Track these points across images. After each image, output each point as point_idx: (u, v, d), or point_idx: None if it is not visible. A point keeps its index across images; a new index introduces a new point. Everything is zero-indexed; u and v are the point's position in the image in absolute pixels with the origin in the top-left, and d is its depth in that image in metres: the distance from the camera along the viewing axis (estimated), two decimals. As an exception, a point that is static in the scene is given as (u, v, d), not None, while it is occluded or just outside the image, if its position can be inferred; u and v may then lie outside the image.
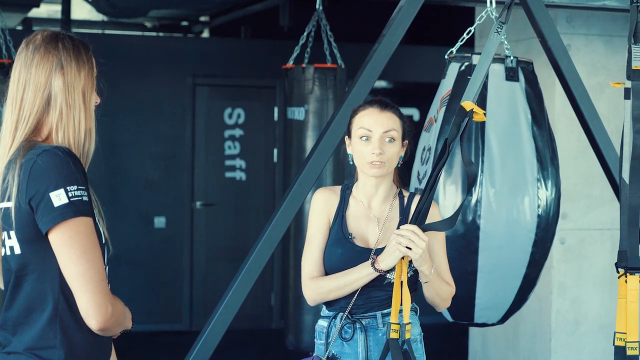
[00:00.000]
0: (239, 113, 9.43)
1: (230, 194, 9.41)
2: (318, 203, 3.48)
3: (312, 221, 3.47)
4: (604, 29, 6.22)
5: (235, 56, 9.40)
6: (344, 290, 3.36)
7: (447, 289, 3.41)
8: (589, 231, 6.25)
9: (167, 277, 9.26)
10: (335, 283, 3.36)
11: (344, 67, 7.17)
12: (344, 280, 3.35)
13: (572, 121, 4.96)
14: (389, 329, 3.29)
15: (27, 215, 2.50)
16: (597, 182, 5.99)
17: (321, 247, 3.43)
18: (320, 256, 3.42)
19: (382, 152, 3.36)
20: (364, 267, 3.33)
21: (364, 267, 3.33)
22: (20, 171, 2.50)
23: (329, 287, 3.37)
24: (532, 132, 4.23)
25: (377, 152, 3.35)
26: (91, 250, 2.49)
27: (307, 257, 3.44)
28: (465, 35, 4.44)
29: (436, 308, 3.49)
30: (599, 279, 6.25)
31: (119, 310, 2.56)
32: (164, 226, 9.26)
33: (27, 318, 2.56)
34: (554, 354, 6.20)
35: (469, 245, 4.16)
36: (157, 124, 9.22)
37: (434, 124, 4.32)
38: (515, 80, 4.25)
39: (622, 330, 3.25)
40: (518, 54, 4.47)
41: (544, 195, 4.21)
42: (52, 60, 2.62)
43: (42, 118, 2.61)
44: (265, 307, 9.45)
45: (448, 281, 3.44)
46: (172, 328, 9.20)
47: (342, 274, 3.36)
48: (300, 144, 7.38)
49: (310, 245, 3.45)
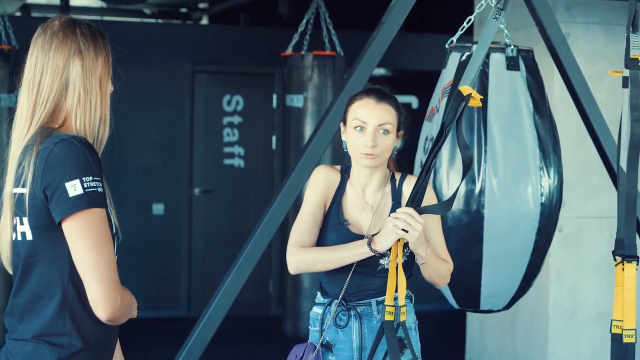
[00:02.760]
0: (238, 100, 9.42)
1: (228, 181, 9.41)
2: (320, 179, 3.45)
3: (311, 194, 3.43)
4: (603, 17, 6.21)
5: (234, 43, 9.39)
6: (332, 264, 3.34)
7: (444, 267, 3.41)
8: (586, 219, 6.26)
9: (166, 264, 9.27)
10: (325, 255, 3.34)
11: (343, 55, 7.18)
12: (334, 255, 3.33)
13: (570, 110, 4.96)
14: (383, 310, 3.27)
15: (41, 203, 2.50)
16: (595, 170, 5.99)
17: (312, 221, 3.40)
18: (311, 227, 3.40)
19: (375, 145, 3.34)
20: (359, 245, 3.31)
21: (358, 246, 3.31)
22: (37, 159, 2.50)
23: (317, 257, 3.35)
24: (534, 120, 4.24)
25: (369, 144, 3.34)
26: (103, 241, 2.50)
27: (298, 226, 3.41)
28: (465, 25, 4.44)
29: (435, 285, 3.47)
30: (597, 267, 6.26)
31: (127, 301, 2.56)
32: (162, 213, 9.26)
33: (36, 305, 2.56)
34: (551, 342, 6.22)
35: (474, 234, 4.17)
36: (156, 111, 9.21)
37: (435, 114, 4.32)
38: (516, 69, 4.25)
39: (619, 317, 3.26)
40: (516, 42, 4.47)
41: (547, 183, 4.22)
42: (70, 45, 2.62)
43: (60, 103, 2.61)
44: (264, 294, 9.46)
45: (445, 258, 3.43)
46: (171, 315, 9.21)
47: (334, 247, 3.34)
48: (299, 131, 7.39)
49: (302, 218, 3.41)
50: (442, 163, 4.20)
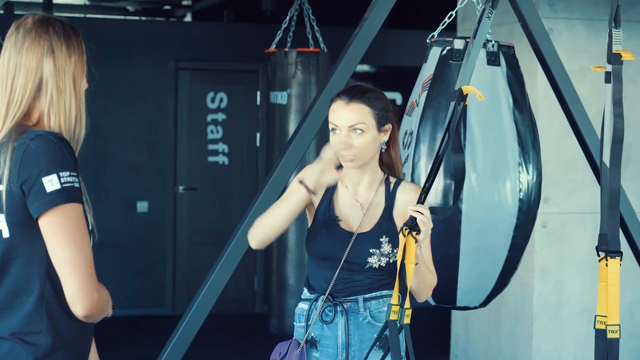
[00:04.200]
0: (222, 97, 9.42)
1: (213, 178, 9.41)
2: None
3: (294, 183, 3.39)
4: (586, 13, 6.23)
5: (217, 40, 9.38)
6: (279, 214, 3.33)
7: (431, 277, 3.41)
8: (570, 215, 6.27)
9: (150, 262, 9.26)
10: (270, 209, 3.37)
11: (327, 51, 7.19)
12: (277, 203, 3.37)
13: (554, 105, 4.97)
14: (389, 310, 3.26)
15: (18, 199, 2.49)
16: (579, 165, 6.00)
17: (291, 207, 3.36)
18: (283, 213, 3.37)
19: (349, 146, 3.33)
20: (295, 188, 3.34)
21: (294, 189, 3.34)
22: (13, 155, 2.49)
23: (265, 214, 3.36)
24: (514, 116, 4.24)
25: (342, 146, 3.33)
26: (80, 237, 2.49)
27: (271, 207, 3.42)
28: (447, 20, 4.45)
29: (417, 297, 3.44)
30: (581, 262, 6.28)
31: (104, 298, 2.55)
32: (146, 210, 9.25)
33: (13, 302, 2.55)
34: (535, 338, 6.23)
35: (451, 228, 4.17)
36: (140, 108, 9.19)
37: (415, 108, 4.32)
38: (496, 65, 4.25)
39: (603, 313, 3.27)
40: (500, 38, 4.48)
41: (525, 179, 4.22)
42: (43, 44, 2.60)
43: (33, 102, 2.60)
44: (249, 292, 9.46)
45: (432, 270, 3.44)
46: (155, 312, 9.20)
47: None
48: (283, 128, 7.39)
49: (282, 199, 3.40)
50: (421, 157, 4.20)
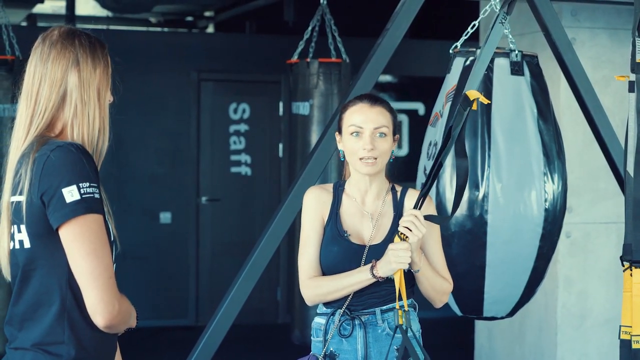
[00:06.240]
0: (244, 108, 9.43)
1: (235, 189, 9.42)
2: (311, 202, 3.45)
3: (306, 221, 3.43)
4: (609, 22, 6.21)
5: (240, 51, 9.40)
6: (341, 292, 3.34)
7: (440, 282, 3.38)
8: (594, 225, 6.24)
9: (173, 273, 9.27)
10: (334, 285, 3.34)
11: (349, 62, 7.17)
12: (342, 283, 3.33)
13: (577, 115, 4.95)
14: (396, 315, 3.29)
15: (39, 210, 2.50)
16: (602, 175, 5.98)
17: (316, 246, 3.40)
18: (316, 255, 3.40)
19: (374, 148, 3.33)
20: (362, 272, 3.31)
21: (362, 272, 3.31)
22: (34, 166, 2.51)
23: (327, 289, 3.35)
24: (538, 126, 4.23)
25: (368, 147, 3.33)
26: (101, 247, 2.50)
27: (304, 257, 3.41)
28: (470, 30, 4.44)
29: (433, 304, 3.45)
30: (605, 272, 6.25)
31: (125, 308, 2.56)
32: (169, 222, 9.27)
33: (35, 313, 2.56)
34: (559, 348, 6.20)
35: (477, 240, 4.16)
36: (162, 119, 9.22)
37: (439, 119, 4.32)
38: (520, 75, 4.24)
39: (628, 323, 3.25)
40: (522, 47, 4.47)
41: (551, 189, 4.21)
42: (68, 56, 2.62)
43: (57, 114, 2.62)
44: (272, 302, 9.46)
45: (444, 276, 3.42)
46: (178, 323, 9.21)
47: (340, 276, 3.34)
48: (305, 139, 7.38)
49: (305, 245, 3.42)
50: (446, 168, 4.20)
